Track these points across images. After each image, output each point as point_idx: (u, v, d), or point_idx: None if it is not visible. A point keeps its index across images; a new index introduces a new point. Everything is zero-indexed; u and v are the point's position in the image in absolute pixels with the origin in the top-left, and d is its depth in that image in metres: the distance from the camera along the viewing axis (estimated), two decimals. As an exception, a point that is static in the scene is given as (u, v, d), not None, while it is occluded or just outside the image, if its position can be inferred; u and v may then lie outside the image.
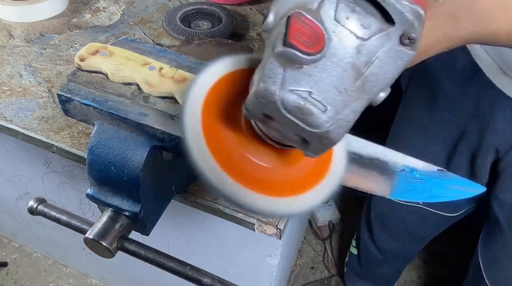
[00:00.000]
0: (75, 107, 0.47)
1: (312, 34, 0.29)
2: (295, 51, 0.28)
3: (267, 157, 0.36)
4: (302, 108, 0.28)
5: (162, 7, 0.89)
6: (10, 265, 1.45)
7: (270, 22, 0.30)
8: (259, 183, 0.35)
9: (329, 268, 1.54)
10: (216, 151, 0.34)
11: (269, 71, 0.28)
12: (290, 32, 0.28)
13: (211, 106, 0.36)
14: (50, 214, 0.51)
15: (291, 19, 0.29)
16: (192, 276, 0.46)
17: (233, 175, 0.34)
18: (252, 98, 0.29)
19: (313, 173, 0.38)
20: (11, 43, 0.78)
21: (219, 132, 0.35)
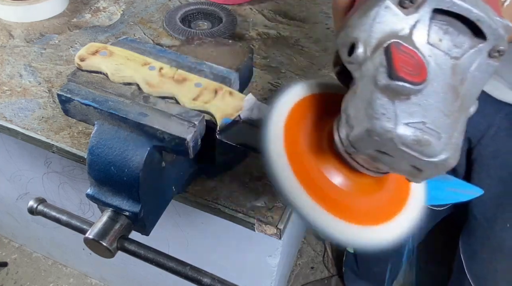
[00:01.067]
0: (75, 107, 0.47)
1: (414, 63, 0.28)
2: (404, 84, 0.27)
3: (349, 182, 0.35)
4: (421, 140, 0.27)
5: (162, 7, 0.89)
6: (10, 265, 1.45)
7: (360, 54, 0.29)
8: (342, 209, 0.34)
9: (329, 268, 1.54)
10: (299, 174, 0.34)
11: (380, 108, 0.27)
12: (395, 64, 0.28)
13: (291, 132, 0.35)
14: (50, 214, 0.51)
15: (392, 50, 0.28)
16: (192, 276, 0.46)
17: (320, 201, 0.34)
18: (363, 137, 0.28)
19: (393, 202, 0.38)
20: (11, 43, 0.78)
21: (301, 155, 0.35)
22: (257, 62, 0.76)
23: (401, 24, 0.30)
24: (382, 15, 0.29)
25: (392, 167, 0.30)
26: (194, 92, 0.47)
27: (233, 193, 0.57)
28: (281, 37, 0.83)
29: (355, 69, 0.30)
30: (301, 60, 0.78)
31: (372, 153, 0.29)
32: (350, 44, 0.30)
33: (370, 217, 0.35)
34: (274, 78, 0.73)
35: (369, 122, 0.28)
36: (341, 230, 0.33)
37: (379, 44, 0.29)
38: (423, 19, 0.29)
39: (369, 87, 0.29)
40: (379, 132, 0.27)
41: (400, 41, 0.29)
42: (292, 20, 0.88)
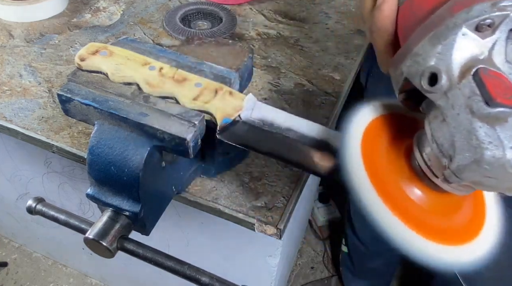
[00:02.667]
0: (75, 107, 0.47)
1: (505, 85, 0.29)
2: (505, 109, 0.28)
3: (431, 202, 0.35)
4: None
5: (162, 7, 0.89)
6: (10, 265, 1.45)
7: (445, 83, 0.30)
8: (422, 227, 0.34)
9: (329, 268, 1.54)
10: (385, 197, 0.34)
11: (485, 137, 0.28)
12: (490, 90, 0.28)
13: (368, 154, 0.36)
14: (49, 213, 0.51)
15: (481, 76, 0.28)
16: (190, 275, 0.46)
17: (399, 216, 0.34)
18: (470, 167, 0.29)
19: (472, 221, 0.38)
20: (11, 43, 0.78)
21: (382, 176, 0.35)
22: (257, 62, 0.76)
23: (480, 48, 0.30)
24: (460, 42, 0.30)
25: (494, 188, 0.30)
26: (194, 92, 0.47)
27: (233, 193, 0.57)
28: (281, 37, 0.83)
29: (439, 98, 0.30)
30: (301, 60, 0.78)
31: (478, 179, 0.30)
32: (429, 73, 0.31)
33: (452, 236, 0.36)
34: (274, 78, 0.73)
35: (476, 152, 0.28)
36: (426, 250, 0.33)
37: (464, 71, 0.29)
38: (500, 40, 0.30)
39: (464, 117, 0.29)
40: (489, 161, 0.28)
41: (487, 67, 0.29)
42: (292, 20, 0.88)
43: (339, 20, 0.89)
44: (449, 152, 0.30)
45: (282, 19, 0.88)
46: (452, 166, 0.30)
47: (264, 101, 0.69)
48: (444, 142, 0.30)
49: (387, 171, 0.36)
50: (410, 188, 0.35)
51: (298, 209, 0.80)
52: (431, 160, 0.33)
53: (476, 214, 0.38)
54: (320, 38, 0.84)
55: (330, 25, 0.88)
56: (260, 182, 0.58)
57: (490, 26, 0.29)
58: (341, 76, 0.75)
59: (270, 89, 0.71)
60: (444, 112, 0.30)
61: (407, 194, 0.35)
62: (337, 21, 0.89)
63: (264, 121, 0.46)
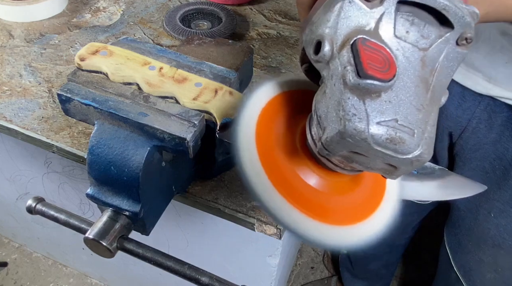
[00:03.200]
0: (75, 107, 0.47)
1: (383, 58, 0.27)
2: (374, 82, 0.27)
3: (325, 182, 0.34)
4: (394, 138, 0.27)
5: (162, 7, 0.89)
6: (10, 265, 1.45)
7: (327, 52, 0.28)
8: (319, 210, 0.34)
9: (329, 268, 1.54)
10: (271, 172, 0.33)
11: (350, 108, 0.27)
12: (363, 61, 0.27)
13: (262, 131, 0.35)
14: (49, 213, 0.51)
15: (358, 47, 0.27)
16: (190, 275, 0.46)
17: (290, 199, 0.33)
18: (335, 139, 0.28)
19: (369, 200, 0.37)
20: (11, 43, 0.78)
21: (274, 156, 0.34)
22: (257, 62, 0.76)
23: (366, 18, 0.29)
24: (346, 10, 0.29)
25: (367, 166, 0.29)
26: (194, 92, 0.47)
27: (233, 193, 0.57)
28: (281, 37, 0.83)
29: (323, 68, 0.29)
30: (301, 60, 0.78)
31: (346, 153, 0.29)
32: (316, 41, 0.29)
33: (347, 216, 0.35)
34: (274, 78, 0.73)
35: (340, 124, 0.27)
36: (318, 231, 0.33)
37: (346, 40, 0.28)
38: (388, 12, 0.29)
39: (338, 87, 0.28)
40: (351, 134, 0.27)
41: (367, 37, 0.28)
42: (292, 20, 0.88)
43: (339, 20, 0.89)
44: (324, 124, 0.29)
45: (282, 19, 0.88)
46: (323, 137, 0.29)
47: (264, 101, 0.69)
48: (321, 114, 0.29)
49: (282, 155, 0.34)
50: (301, 168, 0.34)
51: (298, 209, 0.80)
52: (315, 134, 0.32)
53: (372, 198, 0.37)
54: (320, 38, 0.84)
55: (330, 25, 0.87)
56: (260, 182, 0.58)
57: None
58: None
59: (270, 89, 0.71)
60: (325, 83, 0.29)
61: (298, 174, 0.34)
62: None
63: (264, 121, 0.46)
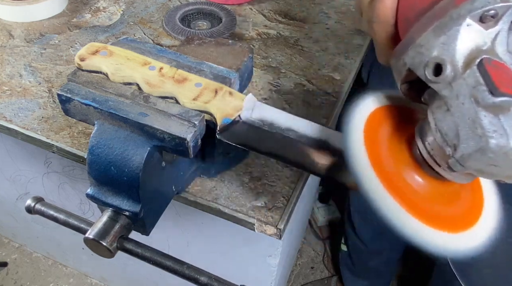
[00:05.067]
0: (75, 107, 0.47)
1: (507, 75, 0.29)
2: (508, 99, 0.28)
3: (433, 191, 0.36)
4: None
5: (162, 7, 0.89)
6: (10, 265, 1.45)
7: (449, 73, 0.30)
8: (425, 214, 0.35)
9: (329, 268, 1.54)
10: (388, 186, 0.35)
11: (490, 125, 0.28)
12: (494, 80, 0.28)
13: (370, 143, 0.36)
14: (48, 212, 0.51)
15: (485, 66, 0.29)
16: (189, 274, 0.46)
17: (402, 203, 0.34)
18: (475, 156, 0.29)
19: (471, 209, 0.38)
20: (11, 43, 0.78)
21: (385, 165, 0.36)
22: (257, 62, 0.76)
23: (483, 39, 0.30)
24: (464, 33, 0.30)
25: (496, 175, 0.31)
26: (194, 92, 0.47)
27: (233, 193, 0.57)
28: (281, 37, 0.83)
29: (443, 88, 0.31)
30: (301, 60, 0.78)
31: (482, 168, 0.30)
32: (434, 64, 0.31)
33: (454, 223, 0.36)
34: (274, 78, 0.73)
35: (481, 141, 0.29)
36: (431, 237, 0.34)
37: (468, 61, 0.30)
38: (503, 30, 0.30)
39: (469, 106, 0.29)
40: (494, 149, 0.28)
41: (491, 57, 0.30)
42: (292, 20, 0.88)
43: (339, 20, 0.89)
44: (453, 141, 0.31)
45: (282, 19, 0.88)
46: (457, 154, 0.30)
47: (264, 101, 0.69)
48: (448, 131, 0.31)
49: (389, 160, 0.36)
50: (412, 176, 0.36)
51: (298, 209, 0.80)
52: (434, 149, 0.33)
53: (475, 203, 0.39)
54: (320, 38, 0.84)
55: (330, 25, 0.88)
56: (260, 182, 0.58)
57: (494, 17, 0.30)
58: (341, 76, 0.75)
59: (270, 89, 0.71)
60: (448, 102, 0.31)
61: (409, 182, 0.36)
62: (337, 21, 0.89)
63: (264, 121, 0.46)
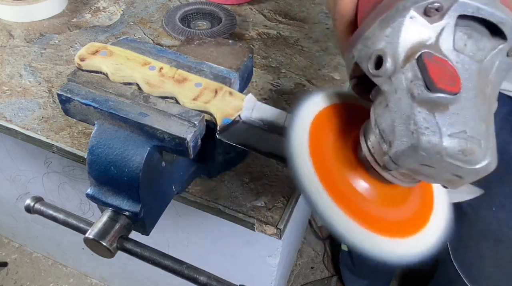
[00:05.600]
0: (75, 107, 0.47)
1: (448, 72, 0.28)
2: (444, 95, 0.27)
3: (377, 193, 0.35)
4: (465, 150, 0.27)
5: (162, 7, 0.89)
6: (10, 265, 1.45)
7: (389, 66, 0.29)
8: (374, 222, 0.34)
9: (329, 268, 1.54)
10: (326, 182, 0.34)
11: (423, 122, 0.27)
12: (432, 75, 0.27)
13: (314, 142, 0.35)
14: (47, 212, 0.51)
15: (425, 61, 0.28)
16: (188, 274, 0.46)
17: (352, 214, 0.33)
18: (407, 153, 0.28)
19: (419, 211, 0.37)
20: (11, 43, 0.78)
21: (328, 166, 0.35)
22: (257, 62, 0.76)
23: (427, 33, 0.29)
24: (408, 25, 0.29)
25: (432, 178, 0.30)
26: (194, 92, 0.47)
27: (233, 193, 0.57)
28: (281, 37, 0.83)
29: (383, 82, 0.30)
30: (301, 60, 0.78)
31: (414, 166, 0.29)
32: (376, 57, 0.30)
33: (400, 228, 0.35)
34: (274, 78, 0.73)
35: (413, 137, 0.27)
36: (374, 243, 0.33)
37: (408, 55, 0.29)
38: (448, 26, 0.29)
39: (405, 101, 0.28)
40: (425, 147, 0.27)
41: (432, 51, 0.29)
42: (292, 20, 0.88)
43: (339, 20, 0.89)
44: (389, 137, 0.29)
45: (282, 19, 0.88)
46: (391, 151, 0.29)
47: (264, 101, 0.69)
48: (385, 128, 0.30)
49: (334, 161, 0.35)
50: (356, 179, 0.35)
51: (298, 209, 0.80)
52: (374, 147, 0.32)
53: (424, 207, 0.38)
54: (320, 38, 0.84)
55: (330, 25, 0.87)
56: (260, 182, 0.58)
57: (438, 10, 0.29)
58: (341, 76, 0.75)
59: (270, 89, 0.71)
60: (387, 97, 0.30)
61: (354, 186, 0.34)
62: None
63: (264, 121, 0.46)
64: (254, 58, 0.77)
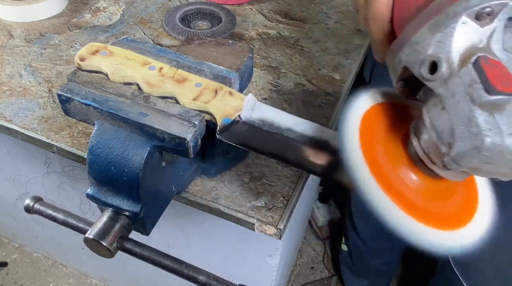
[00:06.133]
0: (75, 107, 0.47)
1: (503, 73, 0.29)
2: (503, 97, 0.28)
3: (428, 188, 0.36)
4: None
5: (162, 7, 0.89)
6: (10, 265, 1.45)
7: (445, 71, 0.30)
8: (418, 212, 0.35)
9: (329, 268, 1.54)
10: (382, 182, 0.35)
11: (485, 124, 0.28)
12: (490, 78, 0.28)
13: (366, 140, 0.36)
14: (47, 212, 0.51)
15: (481, 65, 0.29)
16: (188, 274, 0.46)
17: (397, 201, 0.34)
18: (470, 154, 0.29)
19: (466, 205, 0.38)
20: (11, 43, 0.78)
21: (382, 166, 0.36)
22: (257, 62, 0.76)
23: (479, 36, 0.30)
24: (459, 31, 0.30)
25: (491, 173, 0.31)
26: (194, 92, 0.47)
27: (233, 193, 0.57)
28: (281, 37, 0.83)
29: (438, 86, 0.31)
30: (301, 60, 0.78)
31: (476, 166, 0.30)
32: (430, 62, 0.31)
33: (447, 221, 0.36)
34: (274, 78, 0.73)
35: (476, 139, 0.29)
36: (426, 235, 0.34)
37: (463, 59, 0.30)
38: (498, 28, 0.30)
39: (464, 104, 0.29)
40: (489, 148, 0.28)
41: (487, 55, 0.29)
42: (292, 20, 0.88)
43: (339, 20, 0.89)
44: (448, 139, 0.31)
45: (282, 19, 0.88)
46: (452, 152, 0.30)
47: (264, 101, 0.69)
48: (443, 130, 0.31)
49: (385, 158, 0.36)
50: (407, 174, 0.36)
51: (298, 209, 0.80)
52: (429, 147, 0.33)
53: (469, 200, 0.39)
54: (320, 38, 0.84)
55: (330, 25, 0.88)
56: (260, 182, 0.58)
57: (489, 14, 0.30)
58: (341, 76, 0.75)
59: (270, 89, 0.71)
60: (444, 100, 0.31)
61: (404, 180, 0.36)
62: (337, 21, 0.89)
63: (264, 121, 0.46)
64: (254, 58, 0.77)
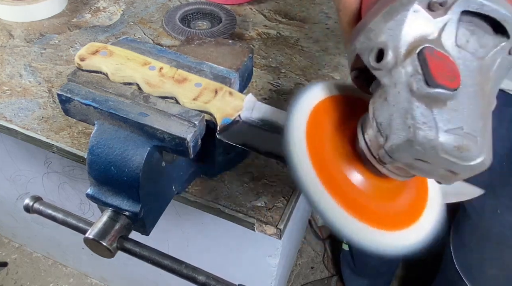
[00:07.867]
0: (75, 107, 0.47)
1: (448, 67, 0.28)
2: (443, 91, 0.27)
3: (373, 186, 0.35)
4: (461, 146, 0.27)
5: (162, 7, 0.89)
6: (10, 265, 1.45)
7: (390, 60, 0.29)
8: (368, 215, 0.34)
9: (329, 268, 1.54)
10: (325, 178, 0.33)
11: (420, 117, 0.27)
12: (432, 70, 0.27)
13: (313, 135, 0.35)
14: (46, 212, 0.51)
15: (426, 56, 0.28)
16: (187, 274, 0.46)
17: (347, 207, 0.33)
18: (403, 147, 0.28)
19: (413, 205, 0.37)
20: (11, 43, 0.78)
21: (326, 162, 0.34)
22: (257, 62, 0.76)
23: (430, 27, 0.29)
24: (411, 19, 0.29)
25: (427, 173, 0.30)
26: (194, 92, 0.47)
27: (233, 193, 0.57)
28: (281, 37, 0.83)
29: (383, 76, 0.30)
30: (301, 60, 0.78)
31: (409, 161, 0.29)
32: (377, 49, 0.30)
33: (394, 221, 0.35)
34: (274, 78, 0.73)
35: (410, 132, 0.27)
36: (368, 236, 0.33)
37: (410, 49, 0.29)
38: (452, 21, 0.29)
39: (404, 95, 0.28)
40: (421, 142, 0.27)
41: (433, 46, 0.28)
42: (292, 20, 0.88)
43: (339, 20, 0.89)
44: (386, 131, 0.29)
45: (282, 19, 0.88)
46: (387, 145, 0.29)
47: (264, 101, 0.69)
48: (383, 121, 0.30)
49: (331, 153, 0.35)
50: (353, 173, 0.35)
51: (298, 209, 0.80)
52: (371, 140, 0.32)
53: (418, 201, 0.38)
54: (320, 38, 0.84)
55: (330, 25, 0.88)
56: (260, 182, 0.58)
57: (442, 5, 0.29)
58: (341, 76, 0.75)
59: (270, 89, 0.71)
60: (386, 90, 0.29)
61: (350, 178, 0.34)
62: (337, 21, 0.89)
63: (264, 121, 0.46)
64: (254, 58, 0.77)
